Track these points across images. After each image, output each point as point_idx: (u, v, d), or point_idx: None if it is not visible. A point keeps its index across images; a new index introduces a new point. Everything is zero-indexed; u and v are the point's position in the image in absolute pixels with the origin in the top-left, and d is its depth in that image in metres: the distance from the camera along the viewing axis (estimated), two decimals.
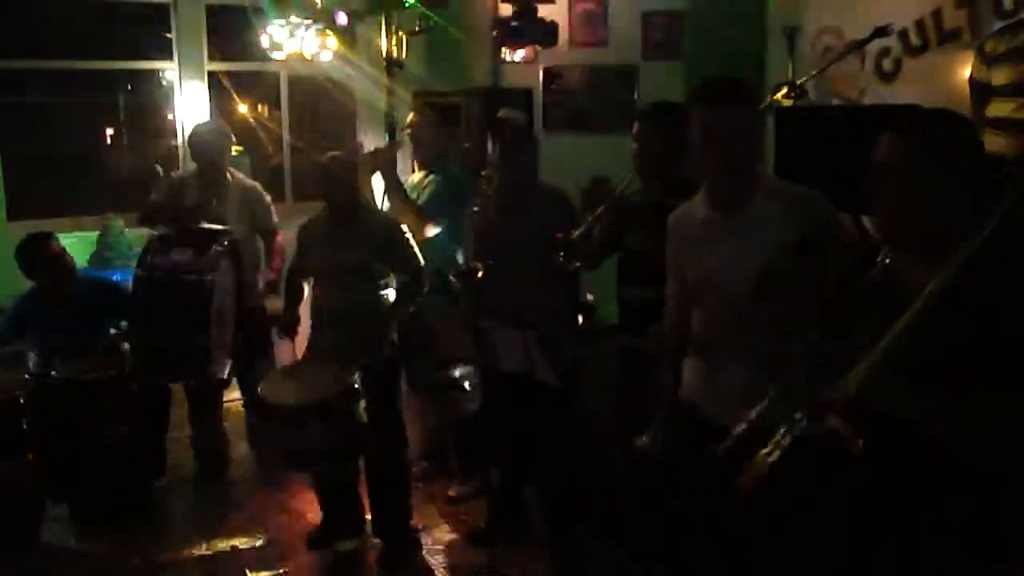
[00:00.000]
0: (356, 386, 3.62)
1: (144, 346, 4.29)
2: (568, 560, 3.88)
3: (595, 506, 3.92)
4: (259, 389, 3.72)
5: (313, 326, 4.04)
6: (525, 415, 3.78)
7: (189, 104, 6.69)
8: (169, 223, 4.59)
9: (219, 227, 4.53)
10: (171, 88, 6.89)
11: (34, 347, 4.38)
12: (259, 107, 7.59)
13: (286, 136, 7.23)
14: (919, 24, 4.49)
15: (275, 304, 4.71)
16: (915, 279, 1.77)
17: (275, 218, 5.04)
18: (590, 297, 4.59)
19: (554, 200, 3.83)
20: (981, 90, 3.71)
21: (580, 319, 4.17)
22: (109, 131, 7.64)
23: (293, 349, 4.02)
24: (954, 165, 1.82)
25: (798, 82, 4.24)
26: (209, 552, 4.10)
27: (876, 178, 1.89)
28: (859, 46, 4.38)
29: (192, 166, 5.04)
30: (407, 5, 5.11)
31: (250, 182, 5.05)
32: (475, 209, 3.95)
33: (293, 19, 5.31)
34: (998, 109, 3.59)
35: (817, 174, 2.84)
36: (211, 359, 4.23)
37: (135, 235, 5.76)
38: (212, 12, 6.78)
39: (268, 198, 5.04)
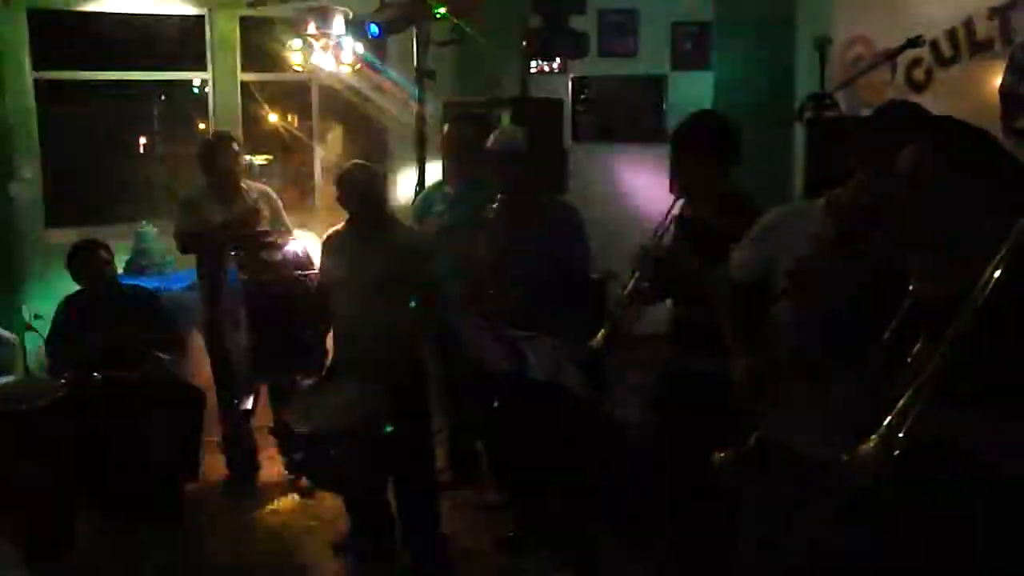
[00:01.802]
0: (381, 406, 3.57)
1: (261, 346, 4.34)
2: (594, 568, 3.88)
3: (625, 515, 3.91)
4: (282, 414, 3.72)
5: (336, 341, 4.01)
6: (553, 423, 3.78)
7: (222, 113, 6.79)
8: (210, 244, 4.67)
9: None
10: (205, 98, 7.00)
11: (75, 351, 4.45)
12: (290, 117, 7.66)
13: (317, 146, 7.31)
14: (950, 34, 4.48)
15: None
16: (940, 300, 1.75)
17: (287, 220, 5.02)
18: None
19: (560, 215, 3.80)
20: (1012, 101, 3.69)
21: None
22: (143, 140, 7.74)
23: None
24: (979, 179, 1.80)
25: (828, 93, 4.24)
26: (238, 556, 4.14)
27: (900, 188, 1.85)
28: (890, 56, 4.38)
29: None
30: (438, 16, 5.15)
31: (261, 185, 5.03)
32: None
33: (324, 31, 5.37)
34: None
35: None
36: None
37: (168, 242, 5.83)
38: (246, 23, 6.89)
39: (279, 200, 4.98)
